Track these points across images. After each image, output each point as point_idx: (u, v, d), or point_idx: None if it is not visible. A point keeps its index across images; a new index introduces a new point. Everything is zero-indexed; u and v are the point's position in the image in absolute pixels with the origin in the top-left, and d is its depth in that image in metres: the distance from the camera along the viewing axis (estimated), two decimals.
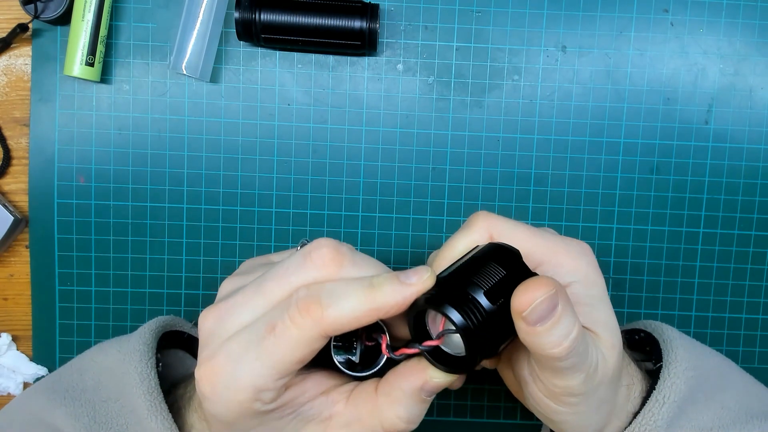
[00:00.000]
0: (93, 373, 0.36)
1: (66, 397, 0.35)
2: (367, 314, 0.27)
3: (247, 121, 0.45)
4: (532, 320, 0.27)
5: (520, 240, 0.31)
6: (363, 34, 0.41)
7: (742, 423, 0.35)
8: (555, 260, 0.31)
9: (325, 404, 0.30)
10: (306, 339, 0.27)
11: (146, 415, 0.33)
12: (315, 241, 0.29)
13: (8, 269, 0.46)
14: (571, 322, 0.28)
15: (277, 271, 0.29)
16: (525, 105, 0.45)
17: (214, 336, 0.29)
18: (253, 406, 0.28)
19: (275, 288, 0.28)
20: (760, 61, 0.44)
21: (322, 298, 0.27)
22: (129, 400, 0.34)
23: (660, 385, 0.34)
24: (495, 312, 0.28)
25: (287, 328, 0.27)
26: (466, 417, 0.47)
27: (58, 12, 0.42)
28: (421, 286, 0.28)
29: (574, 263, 0.31)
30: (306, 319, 0.27)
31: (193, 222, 0.45)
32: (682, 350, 0.36)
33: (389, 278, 0.28)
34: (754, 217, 0.45)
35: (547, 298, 0.27)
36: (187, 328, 0.42)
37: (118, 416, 0.34)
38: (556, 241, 0.32)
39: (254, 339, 0.27)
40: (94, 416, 0.34)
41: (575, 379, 0.30)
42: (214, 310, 0.29)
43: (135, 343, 0.36)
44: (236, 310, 0.29)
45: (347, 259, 0.28)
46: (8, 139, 0.45)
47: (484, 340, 0.28)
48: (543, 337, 0.28)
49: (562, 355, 0.28)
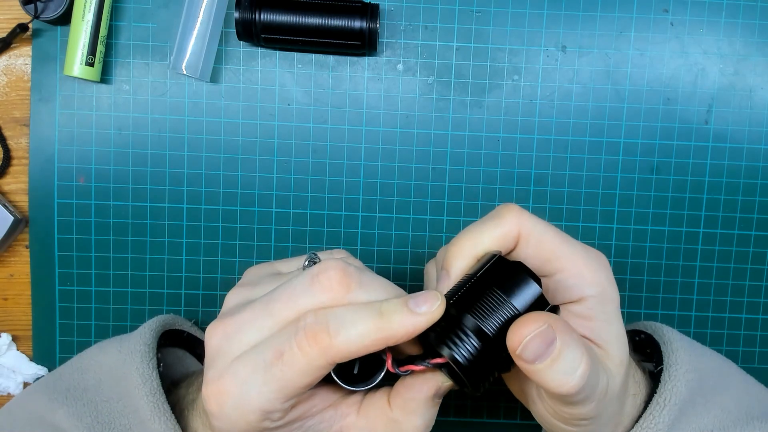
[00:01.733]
0: (94, 372, 0.36)
1: (68, 397, 0.35)
2: (376, 343, 0.27)
3: (247, 121, 0.45)
4: (527, 358, 0.27)
5: (548, 244, 0.30)
6: (363, 34, 0.41)
7: (742, 424, 0.35)
8: (575, 270, 0.30)
9: (334, 417, 0.30)
10: (313, 367, 0.27)
11: (149, 416, 0.33)
12: (323, 263, 0.28)
13: (8, 269, 0.46)
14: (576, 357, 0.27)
15: (285, 291, 0.29)
16: (525, 105, 0.45)
17: (222, 354, 0.29)
18: (261, 425, 0.28)
19: (283, 309, 0.28)
20: (760, 61, 0.44)
21: (330, 326, 0.27)
22: (131, 401, 0.34)
23: (661, 389, 0.34)
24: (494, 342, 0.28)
25: (294, 356, 0.27)
26: (466, 417, 0.47)
27: (58, 12, 0.42)
28: (431, 316, 0.27)
29: (593, 276, 0.30)
30: (313, 348, 0.27)
31: (193, 222, 0.45)
32: (682, 352, 0.36)
33: (399, 306, 0.27)
34: (754, 217, 0.45)
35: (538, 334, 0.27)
36: (186, 327, 0.42)
37: (120, 416, 0.34)
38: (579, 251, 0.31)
39: (262, 363, 0.27)
40: (97, 416, 0.34)
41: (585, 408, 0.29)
42: (221, 325, 0.29)
43: (135, 343, 0.36)
44: (244, 328, 0.29)
45: (355, 281, 0.28)
46: (8, 139, 0.45)
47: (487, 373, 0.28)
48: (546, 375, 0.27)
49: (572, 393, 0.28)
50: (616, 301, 0.31)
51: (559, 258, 0.30)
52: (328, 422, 0.30)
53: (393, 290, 0.29)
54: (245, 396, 0.27)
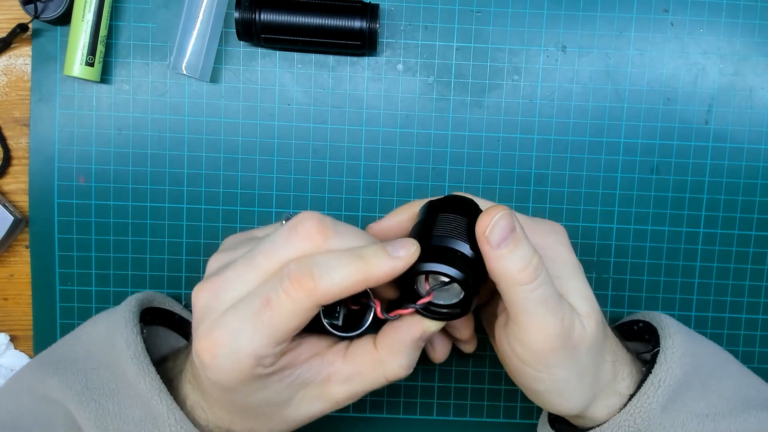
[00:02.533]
0: (84, 343, 0.38)
1: (58, 368, 0.36)
2: (358, 284, 0.29)
3: (247, 121, 0.45)
4: (494, 241, 0.30)
5: None
6: (363, 34, 0.41)
7: (739, 412, 0.35)
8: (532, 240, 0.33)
9: (321, 365, 0.32)
10: (300, 310, 0.28)
11: (135, 377, 0.34)
12: (299, 214, 0.30)
13: (8, 269, 0.46)
14: (529, 248, 0.31)
15: (266, 245, 0.30)
16: (525, 105, 0.45)
17: (211, 310, 0.30)
18: (254, 372, 0.29)
19: (265, 261, 0.30)
20: (760, 61, 0.44)
21: (314, 271, 0.28)
22: (118, 366, 0.35)
23: (656, 369, 0.35)
24: (477, 257, 0.31)
25: (282, 301, 0.28)
26: (466, 416, 0.47)
27: (58, 12, 0.42)
28: (408, 259, 0.30)
29: (542, 240, 0.34)
30: (299, 292, 0.28)
31: (193, 222, 0.45)
32: (679, 337, 0.36)
33: (378, 250, 0.29)
34: (754, 217, 0.45)
35: (502, 216, 0.30)
36: (177, 309, 0.43)
37: (109, 382, 0.35)
38: (527, 221, 0.35)
39: (251, 312, 0.29)
40: (86, 384, 0.35)
41: (550, 325, 0.31)
42: (207, 284, 0.31)
43: (121, 311, 0.37)
44: (229, 284, 0.30)
45: (331, 230, 0.30)
46: (8, 139, 0.45)
47: (476, 282, 0.31)
48: (507, 261, 0.30)
49: (529, 279, 0.30)
50: (572, 262, 0.34)
51: None
52: (316, 369, 0.32)
53: (367, 238, 0.31)
54: (237, 344, 0.29)
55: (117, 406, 0.34)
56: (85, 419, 0.34)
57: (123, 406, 0.34)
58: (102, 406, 0.34)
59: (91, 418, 0.34)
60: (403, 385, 0.47)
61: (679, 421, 0.34)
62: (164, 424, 0.33)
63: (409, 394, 0.47)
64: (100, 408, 0.34)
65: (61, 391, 0.35)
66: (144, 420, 0.33)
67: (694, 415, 0.35)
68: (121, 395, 0.34)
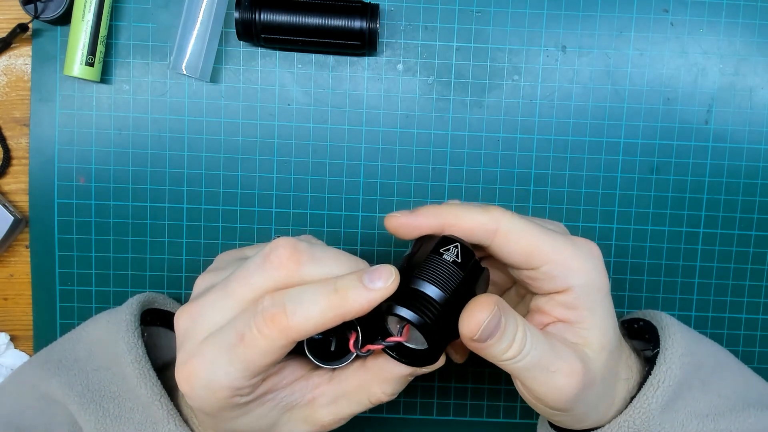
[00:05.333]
0: (85, 343, 0.38)
1: (59, 367, 0.36)
2: (332, 320, 0.28)
3: (247, 121, 0.45)
4: (482, 339, 0.29)
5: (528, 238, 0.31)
6: (363, 34, 0.41)
7: (739, 411, 0.35)
8: (561, 261, 0.31)
9: (306, 388, 0.32)
10: (274, 347, 0.28)
11: (135, 382, 0.34)
12: (274, 242, 0.29)
13: (8, 269, 0.46)
14: (511, 332, 0.29)
15: (240, 272, 0.30)
16: (525, 105, 0.45)
17: (189, 337, 0.30)
18: (232, 401, 0.29)
19: (239, 290, 0.29)
20: (760, 61, 0.44)
21: (287, 307, 0.27)
22: (119, 368, 0.35)
23: (656, 370, 0.35)
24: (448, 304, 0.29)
25: (255, 338, 0.28)
26: (466, 416, 0.47)
27: (58, 12, 0.42)
28: (386, 291, 0.28)
29: (579, 266, 0.31)
30: (272, 330, 0.27)
31: (193, 222, 0.45)
32: (679, 336, 0.36)
33: (354, 282, 0.28)
34: (754, 217, 0.45)
35: (491, 321, 0.29)
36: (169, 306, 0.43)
37: (110, 384, 0.35)
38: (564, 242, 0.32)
39: (225, 345, 0.28)
40: (88, 384, 0.35)
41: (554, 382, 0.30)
42: (188, 308, 0.30)
43: (122, 313, 0.37)
44: (206, 310, 0.30)
45: (305, 256, 0.29)
46: (8, 139, 0.45)
47: (442, 337, 0.29)
48: (494, 349, 0.29)
49: (514, 355, 0.30)
50: (604, 290, 0.32)
51: (542, 251, 0.31)
52: (300, 393, 0.31)
53: (347, 261, 0.30)
54: (213, 376, 0.28)
55: (118, 409, 0.34)
56: (86, 421, 0.34)
57: (124, 410, 0.34)
58: (103, 408, 0.34)
59: (92, 420, 0.34)
60: None
61: (679, 421, 0.34)
62: (164, 429, 0.33)
63: (409, 394, 0.47)
64: (101, 410, 0.34)
65: (63, 392, 0.35)
66: (144, 424, 0.33)
67: (694, 414, 0.35)
68: (122, 398, 0.34)
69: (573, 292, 0.31)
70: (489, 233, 0.31)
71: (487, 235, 0.31)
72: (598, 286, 0.32)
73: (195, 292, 0.33)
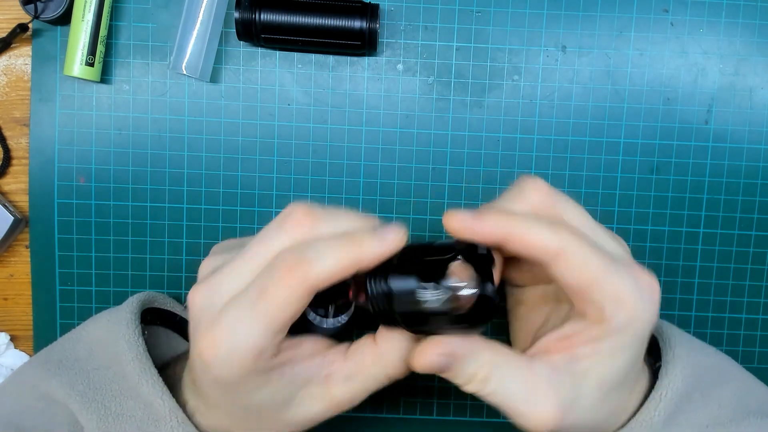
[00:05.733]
0: (85, 342, 0.38)
1: (60, 367, 0.36)
2: (348, 268, 0.29)
3: (247, 121, 0.45)
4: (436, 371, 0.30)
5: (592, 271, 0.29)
6: (363, 34, 0.41)
7: (739, 420, 0.35)
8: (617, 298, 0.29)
9: (321, 364, 0.32)
10: (296, 296, 0.28)
11: (137, 380, 0.34)
12: (287, 207, 0.31)
13: (8, 269, 0.46)
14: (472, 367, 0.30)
15: (257, 239, 0.31)
16: (525, 105, 0.45)
17: (208, 309, 0.30)
18: (256, 365, 0.29)
19: (257, 254, 0.30)
20: (760, 61, 0.44)
21: (306, 256, 0.29)
22: (120, 367, 0.35)
23: (658, 384, 0.34)
24: None
25: (277, 289, 0.28)
26: (466, 416, 0.47)
27: (58, 12, 0.42)
28: (397, 242, 0.30)
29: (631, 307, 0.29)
30: (293, 278, 0.28)
31: (193, 222, 0.45)
32: (680, 349, 0.36)
33: (368, 234, 0.30)
34: (754, 217, 0.45)
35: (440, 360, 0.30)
36: (179, 311, 0.43)
37: (111, 383, 0.35)
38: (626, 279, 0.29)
39: (247, 303, 0.29)
40: (89, 384, 0.35)
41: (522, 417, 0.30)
42: (201, 286, 0.31)
43: (123, 312, 0.37)
44: (224, 281, 0.30)
45: (320, 215, 0.30)
46: (8, 139, 0.45)
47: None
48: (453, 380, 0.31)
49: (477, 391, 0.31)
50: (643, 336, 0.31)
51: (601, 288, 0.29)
52: (316, 368, 0.32)
53: (359, 218, 0.31)
54: (237, 338, 0.29)
55: (119, 407, 0.34)
56: (88, 420, 0.34)
57: (125, 408, 0.34)
58: (105, 406, 0.34)
59: (94, 419, 0.34)
60: (403, 385, 0.47)
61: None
62: (166, 425, 0.33)
63: (409, 394, 0.47)
64: (103, 409, 0.34)
65: (63, 391, 0.35)
66: (146, 421, 0.33)
67: (696, 426, 0.34)
68: (124, 396, 0.34)
69: (620, 337, 0.30)
70: (550, 255, 0.29)
71: (548, 257, 0.29)
72: (640, 333, 0.30)
73: (201, 275, 0.33)
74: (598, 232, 0.32)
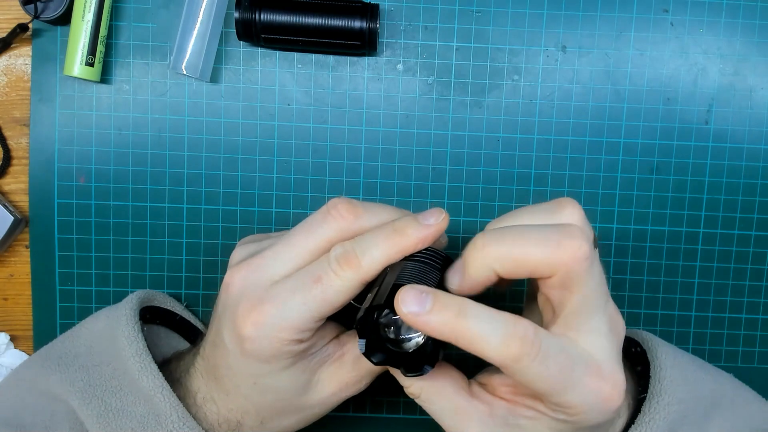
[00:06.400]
0: (85, 339, 0.38)
1: (60, 364, 0.37)
2: (396, 255, 0.32)
3: (247, 121, 0.45)
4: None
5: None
6: (363, 34, 0.41)
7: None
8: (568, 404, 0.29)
9: (337, 345, 0.35)
10: (348, 286, 0.31)
11: (137, 375, 0.34)
12: (331, 200, 0.34)
13: (8, 269, 0.46)
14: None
15: (302, 227, 0.34)
16: (525, 105, 0.45)
17: (253, 287, 0.32)
18: (290, 346, 0.32)
19: (303, 241, 0.33)
20: (760, 61, 0.44)
21: (357, 250, 0.31)
22: (120, 363, 0.35)
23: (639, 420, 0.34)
24: None
25: (331, 278, 0.31)
26: None
27: (58, 12, 0.42)
28: (439, 226, 0.32)
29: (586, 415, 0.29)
30: (347, 270, 0.31)
31: (193, 222, 0.45)
32: (668, 382, 0.35)
33: (410, 221, 0.32)
34: (754, 217, 0.45)
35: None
36: (178, 310, 0.43)
37: (111, 379, 0.35)
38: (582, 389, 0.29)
39: (300, 287, 0.31)
40: (89, 380, 0.35)
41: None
42: (242, 268, 0.33)
43: (122, 308, 0.38)
44: (270, 263, 0.33)
45: (361, 209, 0.33)
46: (8, 139, 0.45)
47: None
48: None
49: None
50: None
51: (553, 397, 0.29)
52: (332, 350, 0.35)
53: (395, 210, 0.34)
54: (285, 314, 0.31)
55: (120, 403, 0.34)
56: (88, 416, 0.34)
57: (126, 403, 0.34)
58: (105, 402, 0.34)
59: (94, 415, 0.34)
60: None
61: None
62: (167, 420, 0.33)
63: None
64: (103, 405, 0.34)
65: (64, 388, 0.35)
66: (147, 417, 0.33)
67: None
68: (124, 392, 0.34)
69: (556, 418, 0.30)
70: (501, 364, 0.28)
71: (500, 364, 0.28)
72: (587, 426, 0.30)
73: (234, 261, 0.35)
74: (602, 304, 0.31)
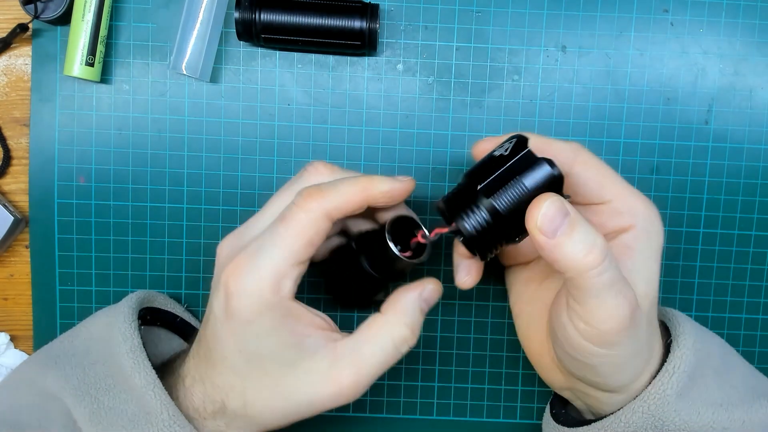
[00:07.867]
0: (83, 339, 0.38)
1: (57, 362, 0.37)
2: (361, 201, 0.32)
3: (247, 121, 0.45)
4: (547, 231, 0.29)
5: (605, 171, 0.34)
6: (363, 34, 0.41)
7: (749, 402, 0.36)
8: (629, 200, 0.34)
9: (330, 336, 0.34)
10: (312, 219, 0.31)
11: (130, 372, 0.34)
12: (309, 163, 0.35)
13: (8, 269, 0.46)
14: (590, 230, 0.30)
15: (281, 188, 0.35)
16: (525, 105, 0.45)
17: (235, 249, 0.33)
18: (273, 297, 0.31)
19: (281, 199, 0.34)
20: (760, 61, 0.44)
21: (323, 187, 0.32)
22: (115, 360, 0.35)
23: (671, 356, 0.35)
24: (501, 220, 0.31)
25: (295, 214, 0.31)
26: (466, 416, 0.47)
27: (58, 12, 0.42)
28: (409, 184, 0.34)
29: (644, 208, 0.34)
30: (311, 203, 0.31)
31: (193, 222, 0.45)
32: (689, 326, 0.37)
33: (380, 176, 0.33)
34: (754, 217, 0.45)
35: (552, 204, 0.29)
36: (178, 311, 0.43)
37: (106, 377, 0.35)
38: (631, 187, 0.35)
39: (269, 233, 0.32)
40: (83, 378, 0.35)
41: (621, 308, 0.30)
42: (228, 236, 0.34)
43: (120, 307, 0.38)
44: (249, 226, 0.34)
45: (338, 168, 0.35)
46: (8, 139, 0.45)
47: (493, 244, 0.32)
48: (569, 246, 0.29)
49: (597, 262, 0.29)
50: (660, 237, 0.34)
51: (614, 185, 0.34)
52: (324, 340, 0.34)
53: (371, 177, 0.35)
54: (258, 263, 0.31)
55: (112, 401, 0.34)
56: (81, 414, 0.34)
57: (118, 401, 0.34)
58: (98, 400, 0.34)
59: (86, 413, 0.34)
60: (403, 385, 0.47)
61: (695, 409, 0.34)
62: (157, 419, 0.33)
63: (409, 394, 0.47)
64: (96, 402, 0.34)
65: (59, 385, 0.35)
66: (138, 415, 0.33)
67: (709, 403, 0.35)
68: (117, 390, 0.34)
69: (633, 231, 0.34)
70: (569, 161, 0.34)
71: (568, 162, 0.34)
72: (657, 230, 0.34)
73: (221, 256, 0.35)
74: None
